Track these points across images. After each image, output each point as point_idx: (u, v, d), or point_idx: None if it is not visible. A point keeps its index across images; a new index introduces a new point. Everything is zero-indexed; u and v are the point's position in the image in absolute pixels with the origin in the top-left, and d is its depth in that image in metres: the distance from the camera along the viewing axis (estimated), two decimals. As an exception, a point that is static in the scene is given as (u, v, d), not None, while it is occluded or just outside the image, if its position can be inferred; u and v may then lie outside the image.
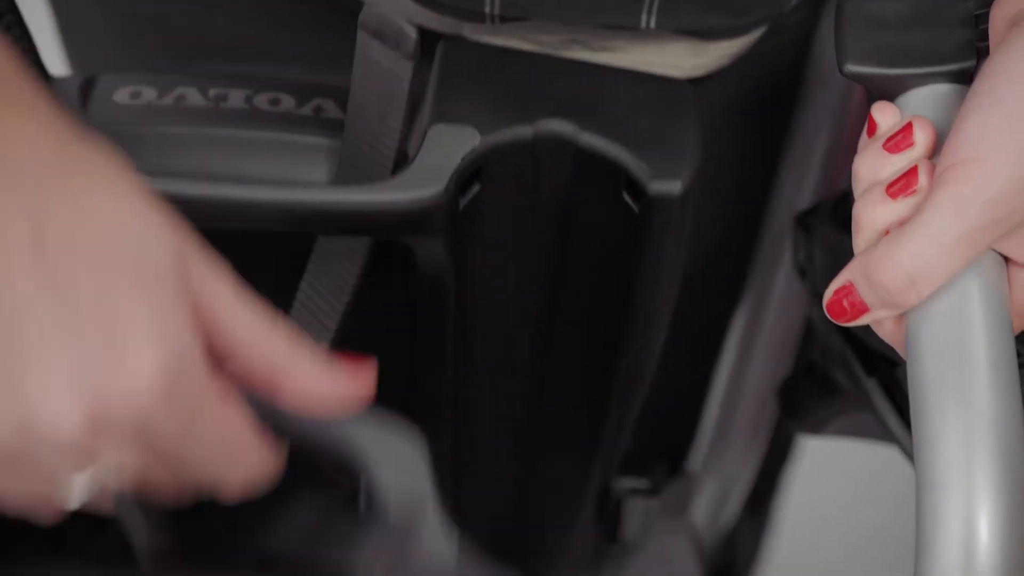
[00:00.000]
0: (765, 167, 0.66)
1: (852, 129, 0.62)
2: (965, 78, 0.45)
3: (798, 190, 0.64)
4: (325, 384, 0.44)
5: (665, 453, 0.79)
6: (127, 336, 0.39)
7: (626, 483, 0.72)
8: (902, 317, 0.45)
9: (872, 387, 0.58)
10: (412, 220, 0.48)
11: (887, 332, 0.47)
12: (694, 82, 0.56)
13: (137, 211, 0.40)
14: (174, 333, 0.40)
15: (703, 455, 0.81)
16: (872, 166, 0.46)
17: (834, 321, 0.47)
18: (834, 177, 0.64)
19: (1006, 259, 0.45)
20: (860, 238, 0.46)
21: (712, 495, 0.86)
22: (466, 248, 0.53)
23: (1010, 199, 0.43)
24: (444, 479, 0.70)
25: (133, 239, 0.40)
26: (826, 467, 1.34)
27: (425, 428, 0.66)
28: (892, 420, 0.59)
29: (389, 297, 0.59)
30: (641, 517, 0.72)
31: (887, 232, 0.45)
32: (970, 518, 0.41)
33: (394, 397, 0.67)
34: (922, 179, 0.44)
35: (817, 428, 0.67)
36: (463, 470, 0.69)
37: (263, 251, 0.56)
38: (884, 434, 0.61)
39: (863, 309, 0.46)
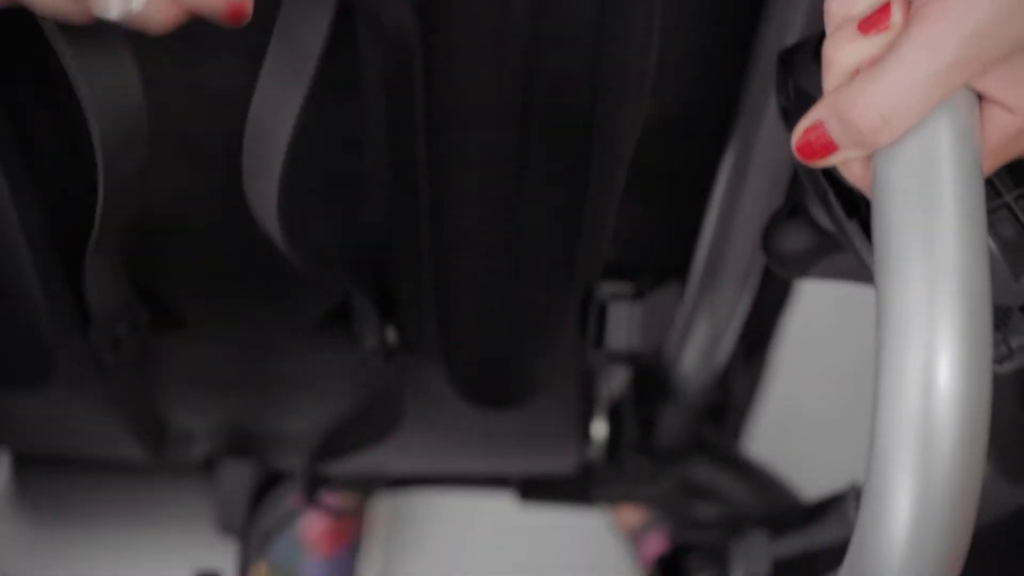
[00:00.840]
0: (753, 3, 0.64)
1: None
2: None
3: (786, 27, 0.62)
4: None
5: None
6: None
7: (610, 288, 0.72)
8: (870, 158, 0.44)
9: (853, 229, 0.57)
10: None
11: (855, 174, 0.46)
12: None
13: None
14: None
15: (693, 297, 0.81)
16: (844, 1, 0.44)
17: (802, 161, 0.46)
18: (822, 15, 0.62)
19: (979, 96, 0.43)
20: (829, 77, 0.44)
21: (704, 335, 0.85)
22: (433, 16, 0.51)
23: (990, 34, 0.41)
24: (427, 296, 0.70)
25: None
26: (822, 311, 1.34)
27: (404, 240, 0.66)
28: (872, 262, 0.58)
29: (359, 82, 0.58)
30: (625, 322, 0.72)
31: (857, 72, 0.43)
32: (930, 364, 0.41)
33: (370, 201, 0.67)
34: (896, 15, 0.43)
35: (801, 271, 0.66)
36: (444, 281, 0.69)
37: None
38: (867, 276, 0.61)
39: (832, 148, 0.45)
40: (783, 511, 1.00)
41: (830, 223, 0.61)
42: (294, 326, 0.76)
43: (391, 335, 0.72)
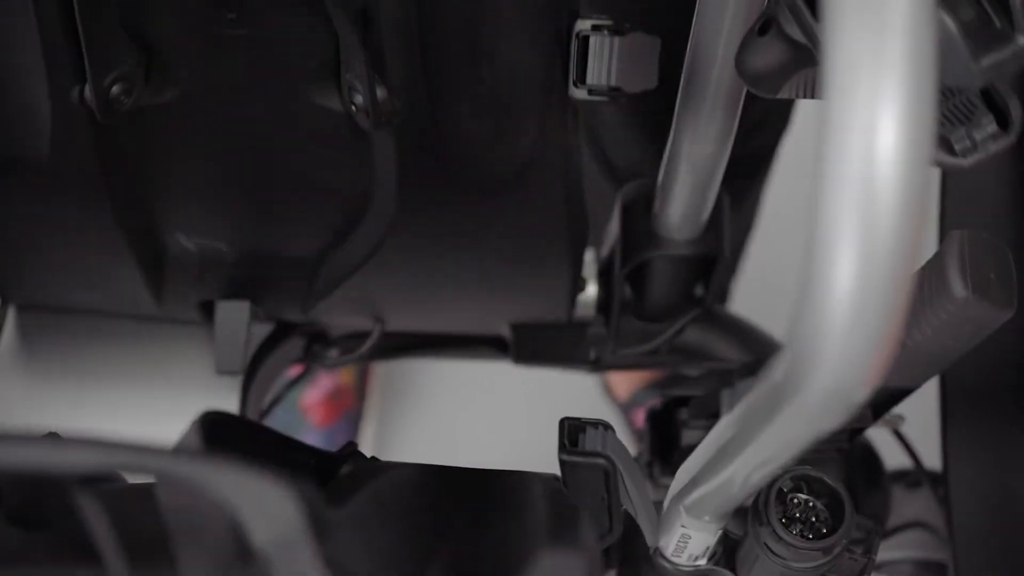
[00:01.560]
0: None
1: None
2: None
3: None
4: None
5: None
6: None
7: (591, 21, 0.74)
8: None
9: (821, 30, 0.58)
10: None
11: None
12: None
13: None
14: None
15: (675, 130, 0.82)
16: None
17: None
18: None
19: None
20: None
21: (688, 176, 0.86)
22: None
23: None
24: (414, 60, 0.72)
25: None
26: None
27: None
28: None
29: None
30: (607, 54, 0.73)
31: None
32: (873, 123, 0.41)
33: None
34: None
35: (774, 87, 0.67)
36: (427, 28, 0.71)
37: None
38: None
39: None
40: (768, 358, 1.01)
41: (800, 33, 0.62)
42: (284, 86, 0.76)
43: (381, 93, 0.73)
